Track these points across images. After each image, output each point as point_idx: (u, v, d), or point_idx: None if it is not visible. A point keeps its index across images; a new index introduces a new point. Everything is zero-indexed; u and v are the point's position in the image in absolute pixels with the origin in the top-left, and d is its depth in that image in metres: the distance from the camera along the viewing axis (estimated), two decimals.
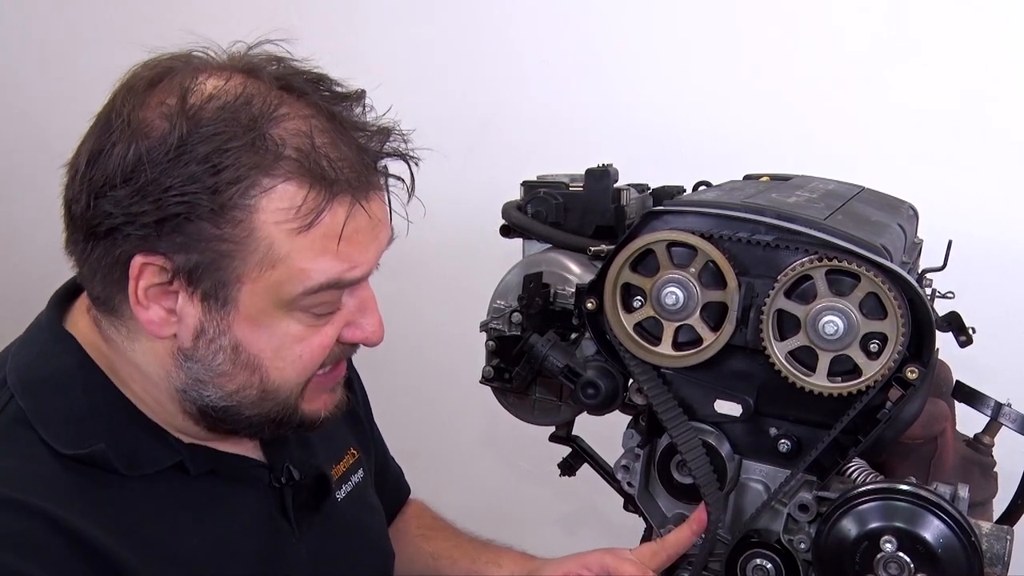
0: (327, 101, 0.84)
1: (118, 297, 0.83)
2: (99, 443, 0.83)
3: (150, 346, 0.85)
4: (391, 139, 0.86)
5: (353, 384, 1.19)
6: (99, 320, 0.87)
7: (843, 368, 0.87)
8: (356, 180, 0.82)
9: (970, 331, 0.90)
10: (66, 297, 0.93)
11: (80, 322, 0.90)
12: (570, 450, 1.18)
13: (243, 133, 0.78)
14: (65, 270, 0.95)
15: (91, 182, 0.80)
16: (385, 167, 0.87)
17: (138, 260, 0.80)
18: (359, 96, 0.87)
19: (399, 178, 0.89)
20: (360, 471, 1.11)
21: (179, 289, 0.81)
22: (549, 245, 1.10)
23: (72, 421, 0.84)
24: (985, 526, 0.87)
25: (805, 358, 0.89)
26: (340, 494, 1.06)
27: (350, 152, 0.82)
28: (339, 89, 0.86)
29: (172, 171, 0.77)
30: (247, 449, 0.96)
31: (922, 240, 1.18)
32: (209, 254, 0.80)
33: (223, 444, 0.93)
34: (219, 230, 0.79)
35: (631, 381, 0.99)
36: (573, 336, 1.06)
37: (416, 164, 0.89)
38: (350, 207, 0.82)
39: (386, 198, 0.88)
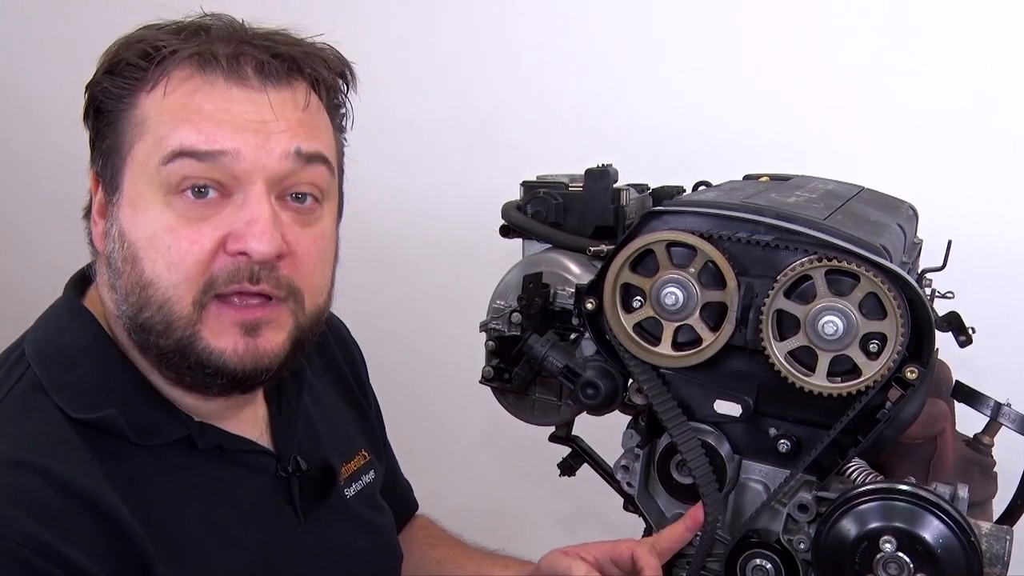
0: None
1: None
2: (111, 410, 0.83)
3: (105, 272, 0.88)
4: (314, 58, 0.89)
5: (368, 393, 1.21)
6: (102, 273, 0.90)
7: (843, 368, 0.87)
8: (229, 62, 0.84)
9: (970, 331, 0.90)
10: (84, 278, 0.95)
11: (97, 299, 0.92)
12: (570, 450, 1.18)
13: (158, 28, 0.86)
14: (66, 268, 0.96)
15: None
16: (311, 79, 0.89)
17: (91, 171, 0.88)
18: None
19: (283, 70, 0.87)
20: (371, 472, 1.11)
21: (103, 195, 0.87)
22: (549, 245, 1.10)
23: (85, 391, 0.85)
24: (985, 526, 0.87)
25: (805, 358, 0.88)
26: (350, 491, 1.06)
27: (238, 40, 0.86)
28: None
29: (102, 68, 0.87)
30: (254, 436, 0.96)
31: (922, 240, 1.18)
32: (110, 138, 0.85)
33: (230, 425, 0.94)
34: (115, 109, 0.85)
35: (631, 381, 0.99)
36: (573, 336, 1.05)
37: (322, 81, 0.90)
38: (226, 85, 0.84)
39: (294, 102, 0.87)
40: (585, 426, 1.16)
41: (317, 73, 0.89)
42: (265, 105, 0.84)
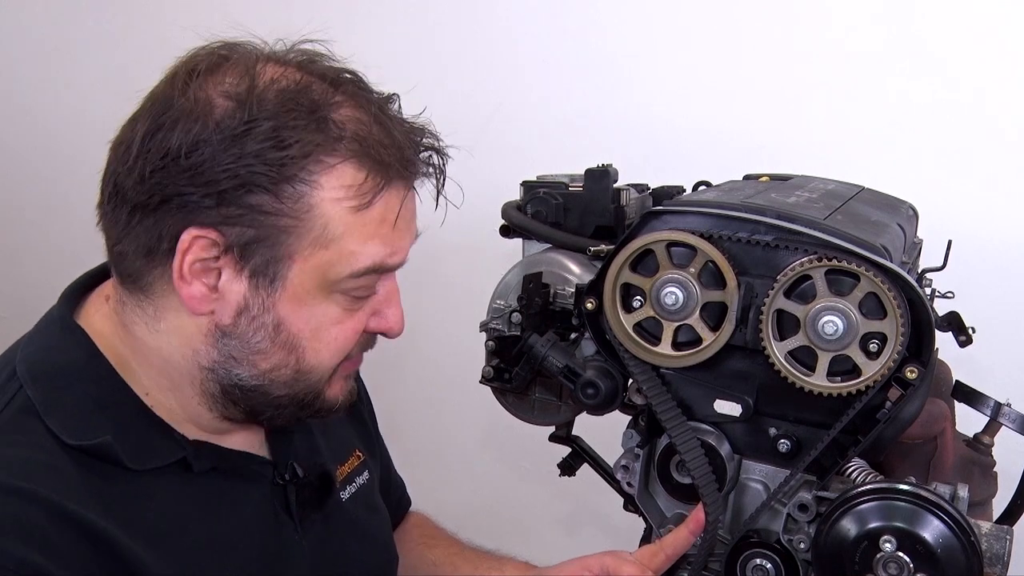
0: (370, 95, 0.88)
1: (155, 273, 0.84)
2: (106, 435, 0.83)
3: (178, 324, 0.86)
4: (427, 136, 0.91)
5: (360, 390, 1.20)
6: (123, 303, 0.88)
7: (843, 368, 0.87)
8: (405, 169, 0.87)
9: (970, 331, 0.90)
10: (78, 292, 0.94)
11: (93, 315, 0.91)
12: (570, 450, 1.18)
13: (306, 114, 0.82)
14: (66, 268, 0.95)
15: (148, 155, 0.81)
16: (426, 160, 0.92)
17: (190, 233, 0.81)
18: (391, 98, 0.91)
19: (441, 171, 0.93)
20: (365, 473, 1.11)
21: (225, 265, 0.83)
22: (549, 245, 1.10)
23: (79, 414, 0.84)
24: (985, 526, 0.87)
25: (805, 358, 0.88)
26: (344, 494, 1.06)
27: (401, 141, 0.87)
28: (376, 90, 0.90)
29: (237, 145, 0.80)
30: (252, 446, 0.96)
31: (922, 240, 1.18)
32: (266, 229, 0.82)
33: (228, 440, 0.93)
34: (280, 204, 0.81)
35: (631, 381, 0.99)
36: (573, 336, 1.06)
37: (448, 159, 0.94)
38: (404, 193, 0.87)
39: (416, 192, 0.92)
40: (585, 426, 1.16)
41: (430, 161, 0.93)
42: (415, 201, 0.91)
